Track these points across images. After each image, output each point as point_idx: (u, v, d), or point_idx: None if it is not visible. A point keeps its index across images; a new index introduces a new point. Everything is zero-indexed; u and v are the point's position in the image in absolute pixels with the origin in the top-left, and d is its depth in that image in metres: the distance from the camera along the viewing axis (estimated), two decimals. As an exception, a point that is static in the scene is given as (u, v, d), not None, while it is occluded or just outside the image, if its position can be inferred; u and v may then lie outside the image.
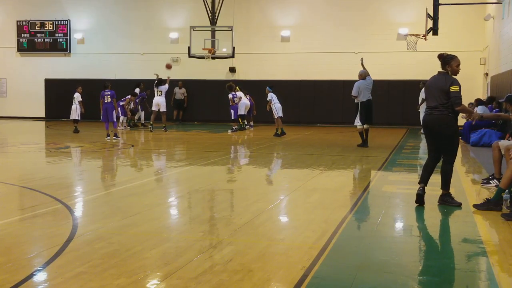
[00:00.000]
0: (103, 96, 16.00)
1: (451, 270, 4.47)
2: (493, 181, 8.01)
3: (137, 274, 4.11)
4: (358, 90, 13.51)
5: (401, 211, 6.61)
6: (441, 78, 6.57)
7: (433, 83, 6.65)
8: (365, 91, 13.49)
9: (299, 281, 4.01)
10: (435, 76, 6.70)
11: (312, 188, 8.01)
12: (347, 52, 23.79)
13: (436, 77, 6.66)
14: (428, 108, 6.68)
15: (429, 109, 6.64)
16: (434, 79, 6.67)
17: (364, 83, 13.53)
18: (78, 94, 17.94)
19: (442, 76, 6.58)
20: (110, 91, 16.01)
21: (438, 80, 6.59)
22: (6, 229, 5.49)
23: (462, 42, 22.58)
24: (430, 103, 6.64)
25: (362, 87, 13.49)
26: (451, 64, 6.58)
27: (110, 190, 8.01)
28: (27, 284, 3.93)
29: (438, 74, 6.67)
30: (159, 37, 25.63)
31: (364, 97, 13.52)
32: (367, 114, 13.62)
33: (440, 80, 6.57)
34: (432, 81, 6.71)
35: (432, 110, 6.58)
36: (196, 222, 5.93)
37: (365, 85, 13.49)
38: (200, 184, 8.78)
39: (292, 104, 24.33)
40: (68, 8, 26.77)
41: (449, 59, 6.60)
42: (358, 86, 13.53)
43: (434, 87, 6.58)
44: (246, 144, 15.91)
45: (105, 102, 15.93)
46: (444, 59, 6.64)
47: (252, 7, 24.90)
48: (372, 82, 13.71)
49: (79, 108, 18.00)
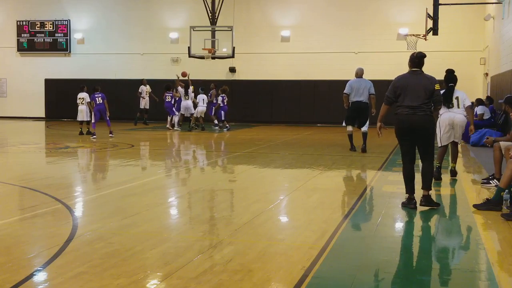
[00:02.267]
0: (94, 98, 16.53)
1: (451, 270, 4.47)
2: (493, 181, 8.01)
3: (137, 274, 4.11)
4: (350, 88, 12.39)
5: (401, 211, 6.60)
6: (423, 77, 6.47)
7: (413, 82, 6.44)
8: (357, 91, 12.34)
9: (299, 281, 4.01)
10: (412, 75, 6.51)
11: (312, 188, 8.01)
12: (347, 52, 23.80)
13: (414, 76, 6.50)
14: (409, 107, 6.40)
15: (411, 109, 6.39)
16: (414, 78, 6.49)
17: (357, 82, 12.43)
18: (87, 94, 17.46)
19: (423, 75, 6.49)
20: (100, 94, 16.60)
21: (420, 79, 6.47)
22: (6, 229, 5.49)
23: (462, 42, 22.59)
24: (410, 103, 6.39)
25: (355, 87, 12.37)
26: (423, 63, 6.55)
27: (110, 190, 8.01)
28: (27, 284, 3.93)
29: (416, 73, 6.50)
30: (159, 37, 25.62)
31: (354, 97, 12.40)
32: (351, 115, 12.51)
33: (422, 79, 6.47)
34: (410, 80, 6.47)
35: (415, 109, 6.38)
36: (196, 222, 5.93)
37: (358, 85, 12.37)
38: (200, 184, 8.78)
39: (292, 104, 24.36)
40: (68, 8, 26.76)
41: (424, 58, 6.54)
42: (349, 84, 12.48)
43: (417, 87, 6.40)
44: (246, 144, 15.91)
45: (97, 103, 16.47)
46: (422, 58, 6.52)
47: (252, 7, 24.89)
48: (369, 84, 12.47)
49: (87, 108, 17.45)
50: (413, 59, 6.55)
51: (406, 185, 6.62)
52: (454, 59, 20.64)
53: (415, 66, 6.54)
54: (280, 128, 21.53)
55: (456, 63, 19.51)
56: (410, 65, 6.60)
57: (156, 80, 23.44)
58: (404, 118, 6.45)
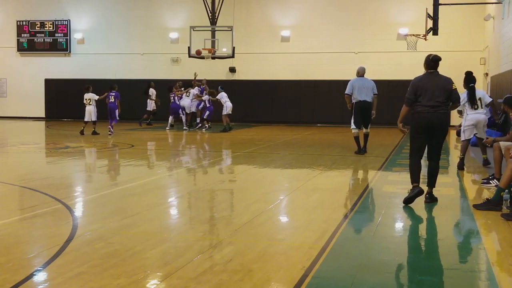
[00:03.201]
0: (109, 96, 17.28)
1: (451, 270, 4.47)
2: (493, 181, 8.01)
3: (137, 274, 4.11)
4: (351, 88, 12.00)
5: (401, 211, 6.60)
6: (440, 78, 6.75)
7: (432, 83, 6.69)
8: (360, 90, 11.95)
9: (299, 281, 4.01)
10: (430, 76, 6.75)
11: (312, 188, 8.00)
12: (347, 52, 23.80)
13: (432, 77, 6.75)
14: (429, 106, 6.63)
15: (431, 108, 6.62)
16: (432, 79, 6.73)
17: (358, 81, 12.05)
18: (93, 94, 17.28)
19: (440, 76, 6.77)
20: (115, 92, 17.32)
21: (437, 80, 6.72)
22: (6, 229, 5.49)
23: (462, 42, 22.60)
24: (430, 102, 6.62)
25: (356, 86, 11.98)
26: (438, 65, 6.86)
27: (110, 190, 8.01)
28: (27, 284, 3.93)
29: (433, 75, 6.76)
30: (159, 37, 25.63)
31: (358, 97, 11.98)
32: (359, 116, 12.11)
33: (440, 79, 6.74)
34: (429, 81, 6.72)
35: (435, 108, 6.62)
36: (196, 222, 5.93)
37: (361, 84, 12.00)
38: (200, 184, 8.78)
39: (292, 104, 24.36)
40: (68, 8, 26.77)
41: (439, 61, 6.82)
42: (351, 84, 12.07)
43: (435, 87, 6.66)
44: (246, 144, 15.90)
45: (110, 101, 17.15)
46: (437, 61, 6.78)
47: (252, 7, 24.90)
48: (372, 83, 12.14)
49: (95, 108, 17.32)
50: (429, 62, 6.81)
51: (414, 175, 6.79)
52: (454, 59, 20.64)
53: (431, 68, 6.81)
54: (280, 128, 21.53)
55: (456, 63, 19.61)
56: (426, 67, 6.86)
57: (156, 80, 23.41)
58: (426, 116, 6.67)
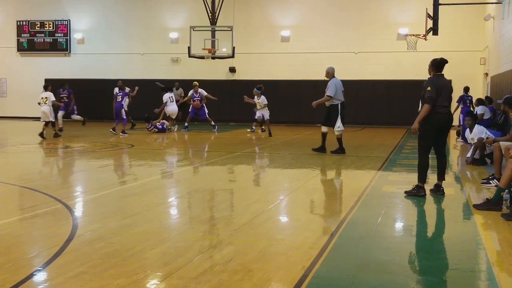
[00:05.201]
0: (116, 96, 17.97)
1: (451, 270, 4.47)
2: (493, 181, 8.01)
3: (137, 274, 4.11)
4: (335, 89, 11.91)
5: (401, 211, 6.61)
6: (446, 80, 7.24)
7: (444, 85, 7.15)
8: (340, 91, 12.01)
9: (299, 281, 4.01)
10: (440, 78, 7.18)
11: (312, 188, 8.01)
12: (347, 52, 23.80)
13: (442, 79, 7.20)
14: (445, 107, 7.09)
15: (446, 108, 7.10)
16: (444, 81, 7.19)
17: (338, 82, 12.06)
18: (50, 93, 17.16)
19: (445, 78, 7.24)
20: (123, 92, 17.95)
21: (446, 82, 7.23)
22: (6, 229, 5.49)
23: (462, 42, 22.59)
24: (444, 103, 7.08)
25: (338, 87, 11.98)
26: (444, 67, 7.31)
27: (110, 190, 8.01)
28: (27, 284, 3.93)
29: (442, 77, 7.20)
30: (159, 37, 25.62)
31: (340, 97, 12.02)
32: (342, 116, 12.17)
33: (446, 81, 7.27)
34: (443, 82, 7.16)
35: (448, 108, 7.14)
36: (196, 222, 5.93)
37: (339, 85, 12.03)
38: (200, 184, 8.78)
39: (292, 104, 24.35)
40: (68, 8, 26.76)
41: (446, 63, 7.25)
42: (334, 84, 11.95)
43: (446, 89, 7.13)
44: (246, 144, 15.90)
45: (117, 101, 17.77)
46: (444, 63, 7.21)
47: (252, 7, 24.89)
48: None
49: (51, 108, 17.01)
50: (437, 64, 7.21)
51: (422, 175, 7.27)
52: (454, 59, 20.48)
53: (439, 70, 7.21)
54: (280, 128, 21.51)
55: (456, 63, 19.59)
56: (434, 69, 7.21)
57: (156, 80, 23.38)
58: (445, 117, 7.12)
